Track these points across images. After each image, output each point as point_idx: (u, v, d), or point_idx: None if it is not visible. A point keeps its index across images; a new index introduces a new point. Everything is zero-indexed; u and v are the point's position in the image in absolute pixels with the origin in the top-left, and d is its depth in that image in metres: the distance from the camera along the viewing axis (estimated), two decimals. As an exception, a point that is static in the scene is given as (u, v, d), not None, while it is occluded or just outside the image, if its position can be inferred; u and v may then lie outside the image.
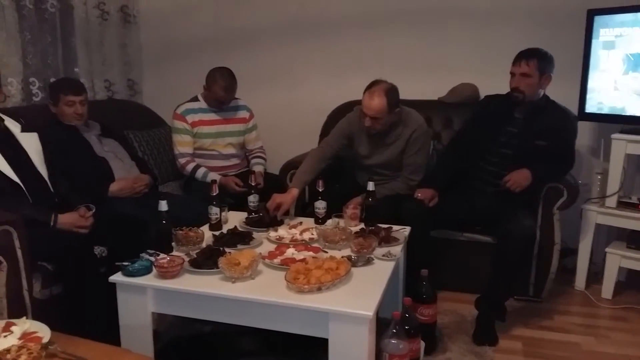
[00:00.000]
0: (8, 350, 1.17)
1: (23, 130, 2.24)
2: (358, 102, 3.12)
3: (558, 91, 2.61)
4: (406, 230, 2.27)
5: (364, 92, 2.57)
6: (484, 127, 2.61)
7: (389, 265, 1.93)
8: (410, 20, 3.29)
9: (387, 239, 2.13)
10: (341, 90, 3.39)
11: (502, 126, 2.57)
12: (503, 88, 2.60)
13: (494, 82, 2.78)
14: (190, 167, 3.05)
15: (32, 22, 2.94)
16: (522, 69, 2.43)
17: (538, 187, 2.52)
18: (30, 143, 2.24)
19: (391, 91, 2.54)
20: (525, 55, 2.44)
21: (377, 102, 2.51)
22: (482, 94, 3.15)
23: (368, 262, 1.92)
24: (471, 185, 2.62)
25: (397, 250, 2.06)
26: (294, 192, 2.53)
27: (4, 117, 2.21)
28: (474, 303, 2.41)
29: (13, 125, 2.22)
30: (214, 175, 2.97)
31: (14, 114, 2.31)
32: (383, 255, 1.97)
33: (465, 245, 2.69)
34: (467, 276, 2.67)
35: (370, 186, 2.31)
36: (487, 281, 2.36)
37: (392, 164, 2.72)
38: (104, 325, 1.85)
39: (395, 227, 2.26)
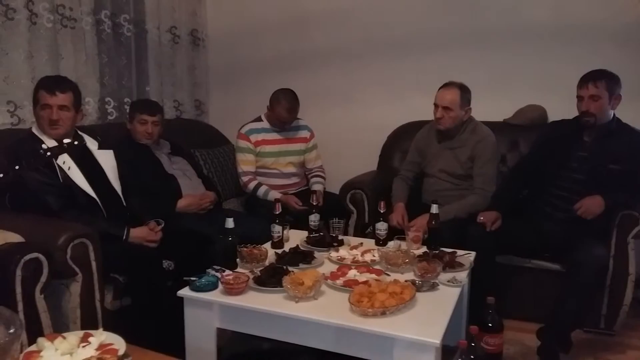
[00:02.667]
0: (88, 360, 1.22)
1: (100, 147, 2.36)
2: (419, 123, 3.14)
3: (632, 114, 2.49)
4: (471, 255, 2.22)
5: (439, 89, 2.72)
6: (552, 153, 2.53)
7: (455, 292, 1.88)
8: (474, 40, 3.24)
9: (452, 264, 2.08)
10: (402, 110, 3.39)
11: (571, 151, 2.48)
12: (572, 110, 2.51)
13: (562, 103, 2.69)
14: (252, 185, 3.11)
15: (109, 46, 3.12)
16: (591, 91, 2.35)
17: (611, 214, 2.40)
18: (106, 160, 2.36)
19: (465, 88, 2.70)
20: (593, 77, 2.36)
21: (451, 93, 2.66)
22: (550, 116, 3.06)
23: (433, 287, 1.88)
24: (540, 210, 2.53)
25: (463, 276, 2.01)
26: (401, 205, 2.75)
27: (82, 134, 2.34)
28: (536, 333, 2.32)
29: (91, 143, 2.35)
30: (275, 194, 3.01)
31: (91, 131, 2.45)
32: (448, 281, 1.92)
33: (533, 272, 2.58)
34: (534, 305, 2.56)
35: (434, 209, 2.28)
36: (552, 310, 2.26)
37: (456, 171, 2.75)
38: (168, 337, 1.90)
39: (459, 252, 2.21)
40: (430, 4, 3.31)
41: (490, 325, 1.98)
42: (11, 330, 0.93)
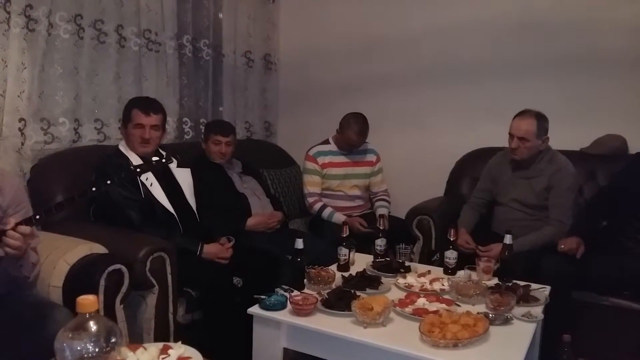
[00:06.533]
0: (169, 372, 1.26)
1: (179, 165, 2.47)
2: (489, 150, 3.07)
3: None
4: (546, 289, 2.13)
5: (514, 118, 2.63)
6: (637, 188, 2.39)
7: (530, 327, 1.81)
8: (549, 65, 3.15)
9: (526, 298, 2.00)
10: (471, 136, 3.33)
11: None
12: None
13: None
14: (317, 206, 3.15)
15: (189, 69, 3.28)
16: None
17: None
18: (184, 177, 2.47)
19: (542, 116, 2.59)
20: None
21: (527, 122, 2.57)
22: (631, 146, 2.91)
23: (506, 321, 1.82)
24: (620, 245, 2.40)
25: (538, 311, 1.92)
26: (463, 230, 2.67)
27: (163, 153, 2.46)
28: (615, 377, 2.19)
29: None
30: (340, 216, 3.03)
31: (170, 150, 2.57)
32: (522, 315, 1.85)
33: (610, 311, 2.44)
34: (611, 346, 2.41)
35: (508, 239, 2.21)
36: (634, 354, 2.13)
37: (530, 201, 2.67)
38: (235, 352, 1.94)
39: (534, 285, 2.13)
40: (503, 29, 3.25)
41: (565, 364, 1.90)
42: (112, 340, 0.99)
